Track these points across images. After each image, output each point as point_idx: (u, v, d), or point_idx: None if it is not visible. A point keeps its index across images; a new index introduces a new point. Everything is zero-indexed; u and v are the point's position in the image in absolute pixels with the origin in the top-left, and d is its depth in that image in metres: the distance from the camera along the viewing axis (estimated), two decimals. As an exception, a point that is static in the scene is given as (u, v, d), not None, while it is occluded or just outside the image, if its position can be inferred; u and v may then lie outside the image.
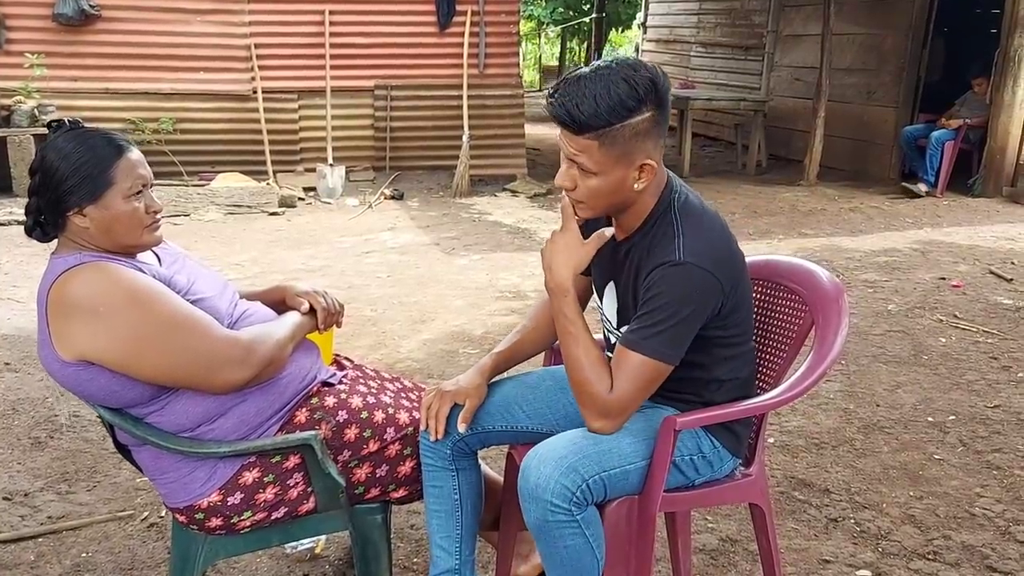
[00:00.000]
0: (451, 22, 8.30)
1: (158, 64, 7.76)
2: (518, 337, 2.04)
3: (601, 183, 1.64)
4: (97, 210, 1.76)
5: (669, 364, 1.65)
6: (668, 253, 1.64)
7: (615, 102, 1.56)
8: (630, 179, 1.65)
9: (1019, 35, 7.65)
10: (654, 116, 1.61)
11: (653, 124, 1.62)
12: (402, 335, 4.27)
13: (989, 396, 3.47)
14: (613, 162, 1.61)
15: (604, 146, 1.59)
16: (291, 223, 6.90)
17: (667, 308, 1.62)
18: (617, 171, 1.63)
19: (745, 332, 1.80)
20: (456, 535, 1.98)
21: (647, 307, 1.64)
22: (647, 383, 1.65)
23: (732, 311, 1.72)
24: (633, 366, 1.63)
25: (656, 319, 1.62)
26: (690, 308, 1.62)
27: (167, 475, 1.85)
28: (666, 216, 1.71)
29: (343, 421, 1.94)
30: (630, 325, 1.68)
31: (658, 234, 1.70)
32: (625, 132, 1.59)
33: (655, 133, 1.63)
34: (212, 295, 1.90)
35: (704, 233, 1.68)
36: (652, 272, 1.65)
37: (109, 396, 1.76)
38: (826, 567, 2.37)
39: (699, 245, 1.65)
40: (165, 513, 2.63)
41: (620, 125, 1.58)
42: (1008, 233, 6.67)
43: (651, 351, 1.62)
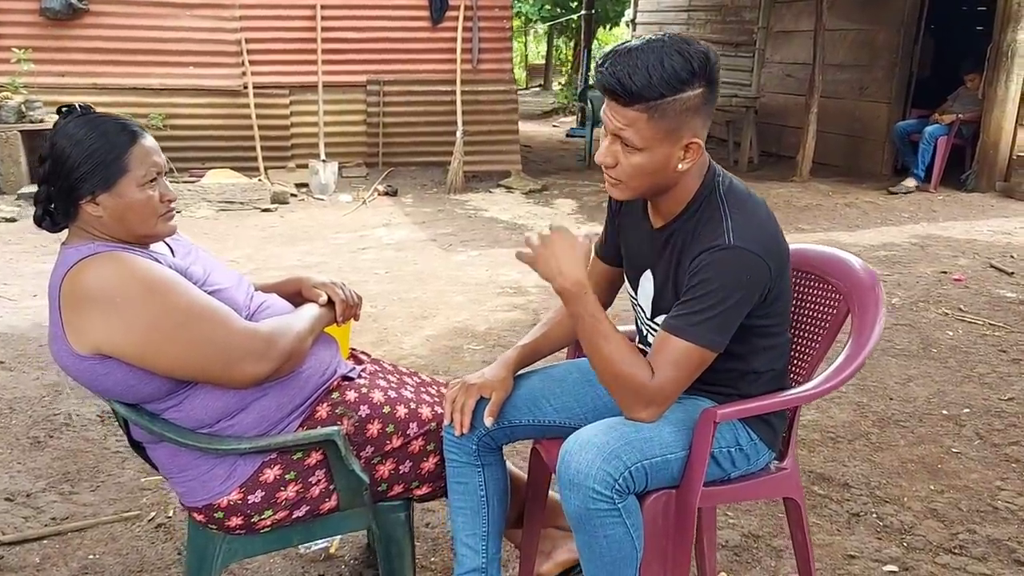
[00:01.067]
0: (444, 17, 8.23)
1: (147, 59, 7.65)
2: (544, 330, 1.98)
3: (645, 160, 1.58)
4: (111, 198, 1.69)
5: (714, 351, 1.59)
6: (716, 237, 1.59)
7: (669, 74, 1.51)
8: (675, 158, 1.60)
9: (1012, 30, 7.67)
10: (704, 93, 1.56)
11: (703, 101, 1.57)
12: (404, 331, 4.21)
13: (1002, 389, 3.45)
14: (661, 138, 1.56)
15: (653, 120, 1.53)
16: (284, 219, 6.82)
17: (716, 294, 1.56)
18: (663, 148, 1.57)
19: (784, 322, 1.76)
20: (483, 533, 1.92)
21: (693, 292, 1.59)
22: (691, 370, 1.59)
23: (775, 299, 1.67)
24: (677, 352, 1.58)
25: (703, 304, 1.57)
26: (739, 294, 1.57)
27: (185, 473, 1.79)
28: (711, 200, 1.65)
29: (365, 416, 1.88)
30: (674, 310, 1.62)
31: (703, 218, 1.64)
32: (676, 106, 1.53)
33: (704, 111, 1.58)
34: (229, 286, 1.84)
35: (753, 217, 1.63)
36: (699, 256, 1.59)
37: (126, 391, 1.69)
38: (852, 562, 2.33)
39: (748, 229, 1.60)
40: (173, 513, 2.56)
41: (672, 98, 1.52)
42: (1004, 227, 6.67)
43: (697, 337, 1.57)
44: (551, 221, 1.64)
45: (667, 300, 1.72)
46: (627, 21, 16.97)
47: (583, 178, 8.92)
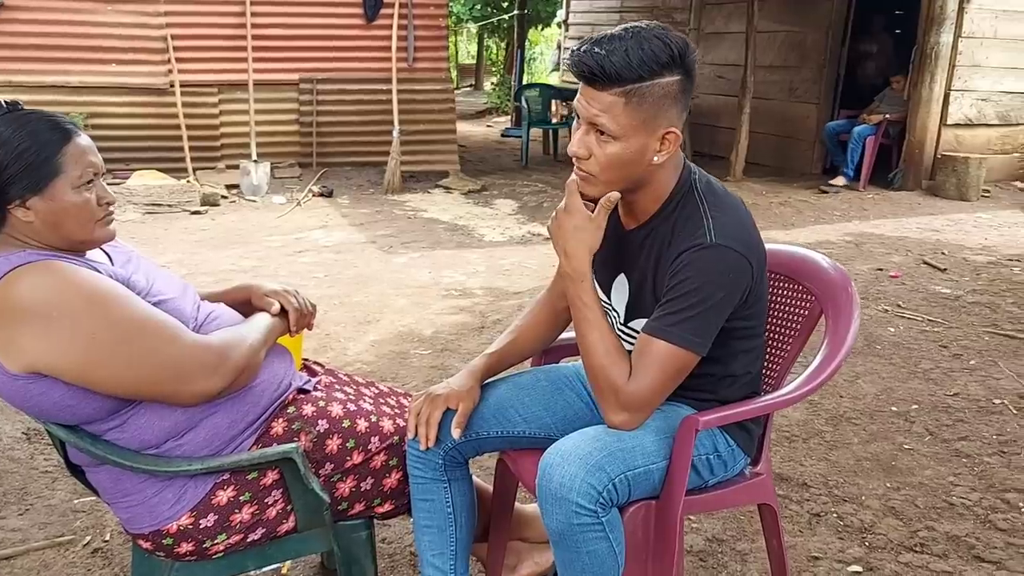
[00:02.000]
0: (378, 14, 8.08)
1: (67, 56, 7.29)
2: (513, 336, 1.90)
3: (621, 150, 1.51)
4: (43, 202, 1.56)
5: (697, 354, 1.53)
6: (697, 236, 1.53)
7: (648, 56, 1.45)
8: (651, 149, 1.53)
9: (935, 33, 7.89)
10: (682, 82, 1.51)
11: (681, 90, 1.51)
12: (348, 337, 4.08)
13: (947, 384, 3.50)
14: (637, 125, 1.49)
15: (631, 105, 1.47)
16: (215, 222, 6.59)
17: (697, 293, 1.50)
18: (639, 137, 1.50)
19: (761, 324, 1.71)
20: (450, 552, 1.83)
21: (675, 293, 1.53)
22: (673, 374, 1.53)
23: (756, 300, 1.63)
24: (658, 356, 1.51)
25: (684, 304, 1.51)
26: (722, 293, 1.52)
27: (130, 498, 1.65)
28: (689, 198, 1.60)
29: (324, 431, 1.77)
30: (656, 312, 1.56)
31: (682, 217, 1.58)
32: (655, 91, 1.47)
33: (681, 101, 1.52)
34: (175, 296, 1.71)
35: (733, 215, 1.58)
36: (680, 256, 1.53)
37: (64, 411, 1.55)
38: (817, 564, 2.32)
39: (730, 227, 1.54)
40: (111, 536, 2.40)
41: (651, 82, 1.46)
42: (932, 224, 6.85)
43: (679, 339, 1.51)
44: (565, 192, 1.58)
45: (645, 303, 1.65)
46: (559, 22, 17.01)
47: (522, 178, 8.87)
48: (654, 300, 1.61)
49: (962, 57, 8.13)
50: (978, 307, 4.56)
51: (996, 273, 5.31)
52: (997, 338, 4.07)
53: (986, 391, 3.43)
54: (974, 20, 8.08)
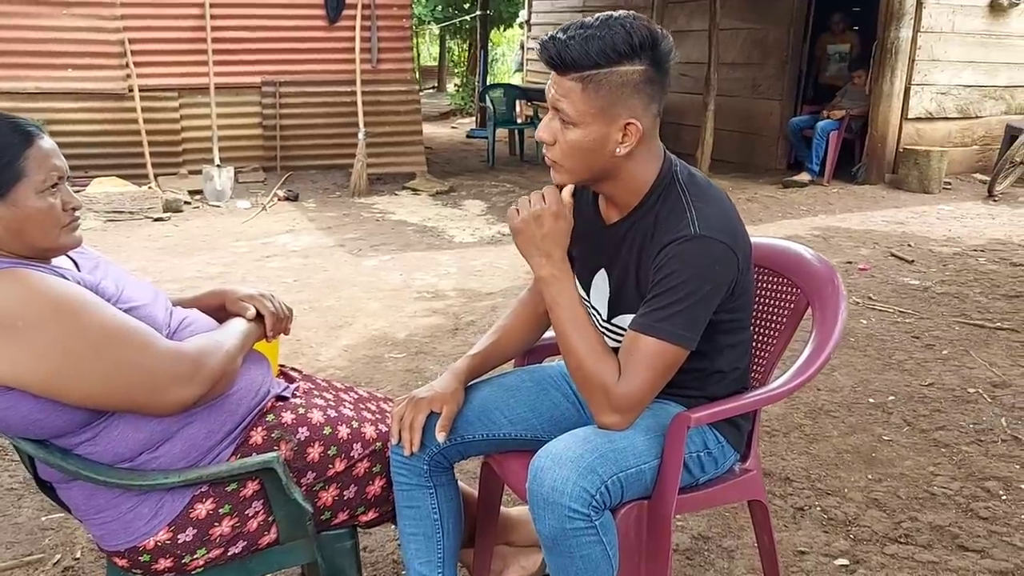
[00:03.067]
0: (341, 16, 7.98)
1: (21, 61, 7.11)
2: (495, 337, 1.86)
3: (580, 137, 1.50)
4: (5, 208, 1.49)
5: (686, 348, 1.50)
6: (681, 228, 1.50)
7: (606, 44, 1.44)
8: (612, 140, 1.51)
9: (895, 28, 7.98)
10: (646, 72, 1.48)
11: (644, 80, 1.48)
12: (320, 342, 4.01)
13: (921, 375, 3.52)
14: (595, 113, 1.48)
15: (587, 91, 1.46)
16: (179, 228, 6.47)
17: (684, 287, 1.48)
18: (598, 125, 1.49)
19: (747, 318, 1.69)
20: (438, 559, 1.79)
21: (661, 287, 1.50)
22: (663, 371, 1.50)
23: (742, 293, 1.60)
24: (647, 352, 1.48)
25: (672, 299, 1.48)
26: (708, 286, 1.49)
27: (104, 514, 1.59)
28: (671, 190, 1.57)
29: (304, 439, 1.72)
30: (641, 308, 1.52)
31: (664, 209, 1.56)
32: (612, 79, 1.45)
33: (646, 92, 1.49)
34: (146, 302, 1.65)
35: (717, 206, 1.55)
36: (664, 249, 1.50)
37: (32, 426, 1.48)
38: (804, 558, 2.31)
39: (714, 218, 1.52)
40: (81, 554, 2.32)
41: (607, 70, 1.45)
42: (896, 217, 6.93)
43: (667, 334, 1.48)
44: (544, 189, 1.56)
45: (627, 299, 1.62)
46: (521, 22, 17.00)
47: (489, 179, 8.83)
48: (637, 295, 1.58)
49: (921, 52, 8.24)
50: (947, 298, 4.61)
51: (962, 264, 5.37)
52: (967, 328, 4.11)
53: (960, 380, 3.46)
54: (932, 15, 8.19)
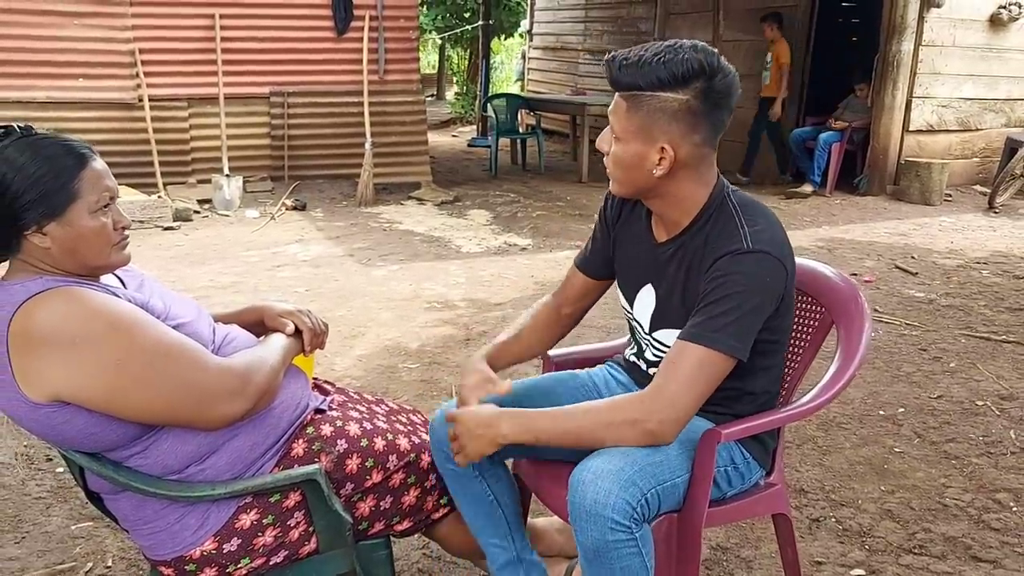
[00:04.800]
0: (349, 27, 8.04)
1: (32, 71, 7.15)
2: (516, 332, 1.94)
3: (621, 151, 1.61)
4: (60, 228, 1.54)
5: (734, 358, 1.56)
6: (734, 242, 1.57)
7: (653, 70, 1.53)
8: (649, 160, 1.59)
9: (897, 42, 8.07)
10: (690, 103, 1.55)
11: (684, 110, 1.55)
12: (334, 352, 4.06)
13: (929, 387, 3.58)
14: (634, 131, 1.58)
15: (631, 110, 1.58)
16: (189, 238, 6.52)
17: (736, 297, 1.54)
18: (635, 144, 1.59)
19: (783, 340, 1.75)
20: (504, 530, 1.88)
21: (712, 297, 1.56)
22: (708, 379, 1.55)
23: (784, 312, 1.66)
24: (696, 360, 1.54)
25: (723, 309, 1.54)
26: (759, 297, 1.56)
27: (152, 524, 1.64)
28: (723, 209, 1.64)
29: (343, 451, 1.77)
30: (692, 319, 1.58)
31: (716, 227, 1.63)
32: (652, 103, 1.55)
33: (685, 121, 1.56)
34: (192, 319, 1.70)
35: (768, 222, 1.63)
36: (717, 263, 1.57)
37: (86, 439, 1.54)
38: (820, 568, 2.36)
39: (766, 234, 1.59)
40: (112, 562, 2.37)
41: (649, 94, 1.54)
42: (899, 229, 7.00)
43: (717, 343, 1.53)
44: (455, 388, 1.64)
45: (671, 314, 1.69)
46: (522, 32, 17.10)
47: (493, 188, 8.89)
48: (683, 310, 1.64)
49: (923, 65, 8.33)
50: (952, 310, 4.67)
51: (966, 276, 5.44)
52: (973, 340, 4.17)
53: (968, 393, 3.52)
54: (934, 29, 8.28)
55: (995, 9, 8.59)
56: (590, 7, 12.90)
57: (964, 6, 8.39)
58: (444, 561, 2.38)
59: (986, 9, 8.58)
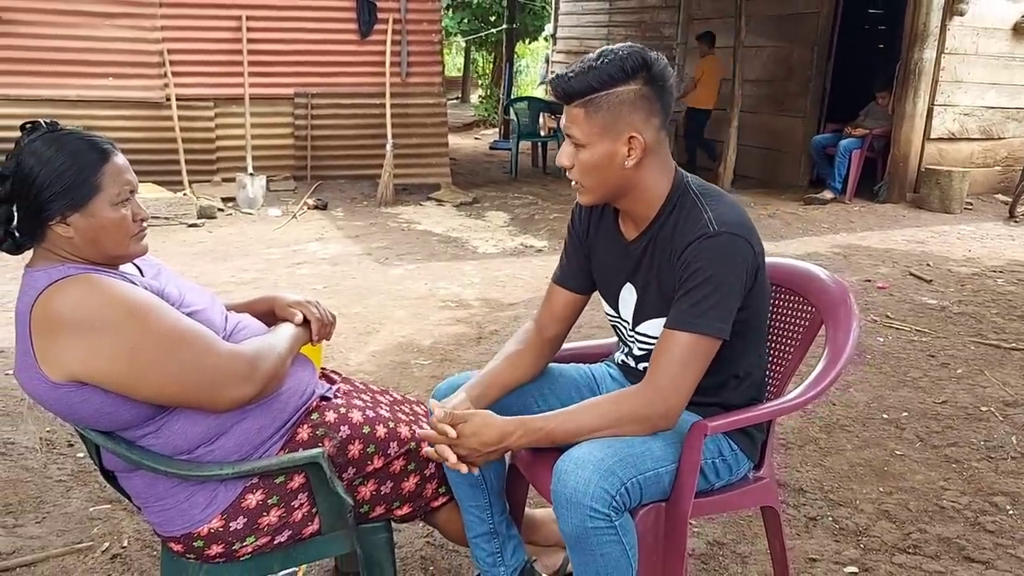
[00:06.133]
0: (372, 30, 8.17)
1: (64, 70, 7.35)
2: (498, 363, 1.94)
3: (591, 156, 1.67)
4: (83, 219, 1.63)
5: (718, 339, 1.64)
6: (700, 227, 1.65)
7: (601, 72, 1.62)
8: (619, 154, 1.67)
9: (919, 50, 8.06)
10: (641, 90, 1.64)
11: (639, 98, 1.64)
12: (349, 347, 4.15)
13: (935, 393, 3.61)
14: (599, 132, 1.65)
15: (590, 114, 1.64)
16: (213, 235, 6.65)
17: (712, 281, 1.61)
18: (604, 144, 1.66)
19: (761, 321, 1.81)
20: (483, 501, 1.95)
21: (688, 284, 1.63)
22: (699, 363, 1.63)
23: (758, 293, 1.73)
24: (685, 346, 1.62)
25: (701, 294, 1.62)
26: (732, 277, 1.63)
27: (162, 502, 1.72)
28: (685, 199, 1.72)
29: (346, 437, 1.85)
30: (673, 308, 1.66)
31: (681, 216, 1.71)
32: (610, 99, 1.63)
33: (643, 108, 1.65)
34: (205, 307, 1.79)
35: (730, 205, 1.71)
36: (687, 249, 1.65)
37: (102, 418, 1.62)
38: (814, 565, 2.40)
39: (729, 215, 1.67)
40: (128, 543, 2.46)
41: (604, 93, 1.62)
42: (917, 236, 6.99)
43: (702, 327, 1.61)
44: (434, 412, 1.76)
45: (651, 305, 1.76)
46: (546, 36, 17.18)
47: (512, 190, 8.97)
48: (660, 299, 1.72)
49: (945, 73, 8.31)
50: (964, 317, 4.68)
51: (980, 284, 5.44)
52: (982, 348, 4.19)
53: (973, 399, 3.54)
54: (956, 37, 8.26)
55: (1019, 18, 8.55)
56: (613, 11, 12.96)
57: (987, 15, 8.36)
58: (446, 549, 2.45)
59: (1010, 18, 8.55)
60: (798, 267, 2.00)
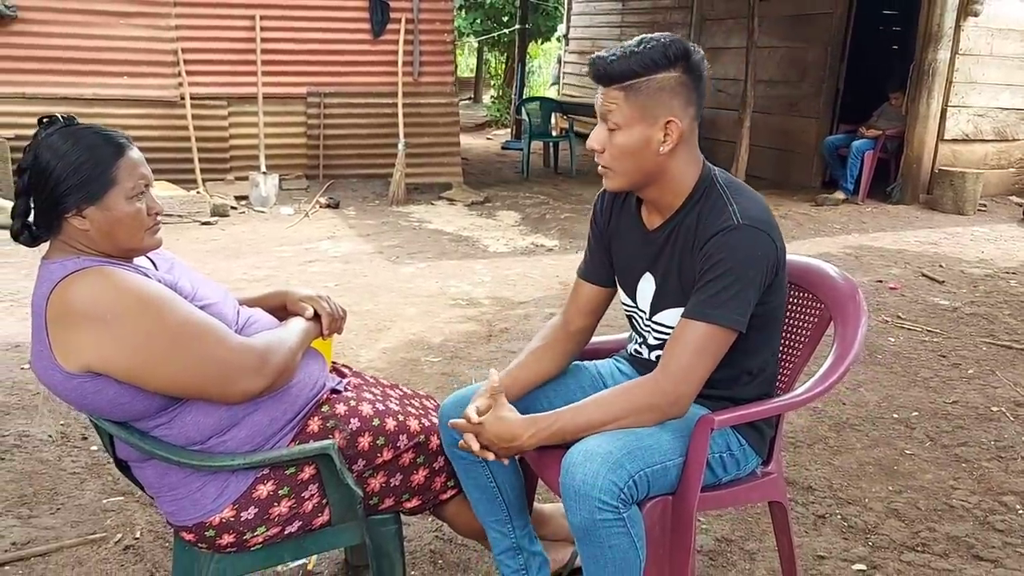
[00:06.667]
0: (385, 29, 8.20)
1: (79, 68, 7.42)
2: (525, 359, 1.96)
3: (626, 140, 1.68)
4: (98, 212, 1.65)
5: (735, 331, 1.65)
6: (725, 219, 1.66)
7: (644, 56, 1.64)
8: (655, 140, 1.68)
9: (932, 50, 8.03)
10: (681, 78, 1.66)
11: (679, 84, 1.66)
12: (360, 344, 4.17)
13: (945, 393, 3.60)
14: (638, 116, 1.67)
15: (630, 98, 1.66)
16: (226, 232, 6.69)
17: (732, 273, 1.63)
18: (641, 127, 1.67)
19: (778, 318, 1.82)
20: (504, 517, 1.96)
21: (709, 275, 1.65)
22: (713, 353, 1.64)
23: (777, 288, 1.74)
24: (701, 336, 1.63)
25: (721, 286, 1.63)
26: (753, 271, 1.64)
27: (175, 491, 1.75)
28: (712, 190, 1.73)
29: (356, 429, 1.86)
30: (692, 299, 1.67)
31: (706, 207, 1.72)
32: (651, 85, 1.65)
33: (682, 95, 1.67)
34: (218, 301, 1.81)
35: (755, 200, 1.72)
36: (710, 240, 1.66)
37: (115, 409, 1.65)
38: (823, 562, 2.41)
39: (753, 210, 1.68)
40: (140, 534, 2.49)
41: (646, 78, 1.64)
42: (930, 238, 6.97)
43: (719, 318, 1.63)
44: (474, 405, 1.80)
45: (670, 295, 1.78)
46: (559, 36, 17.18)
47: (523, 190, 8.98)
48: (680, 289, 1.73)
49: (959, 74, 8.27)
50: (976, 318, 4.67)
51: (993, 285, 5.42)
52: (994, 348, 4.18)
53: (984, 399, 3.54)
54: (971, 38, 8.22)
55: (1034, 18, 8.51)
56: (626, 12, 12.96)
57: (1002, 15, 8.32)
58: (455, 544, 2.47)
59: (1025, 18, 8.51)
60: (808, 264, 2.01)
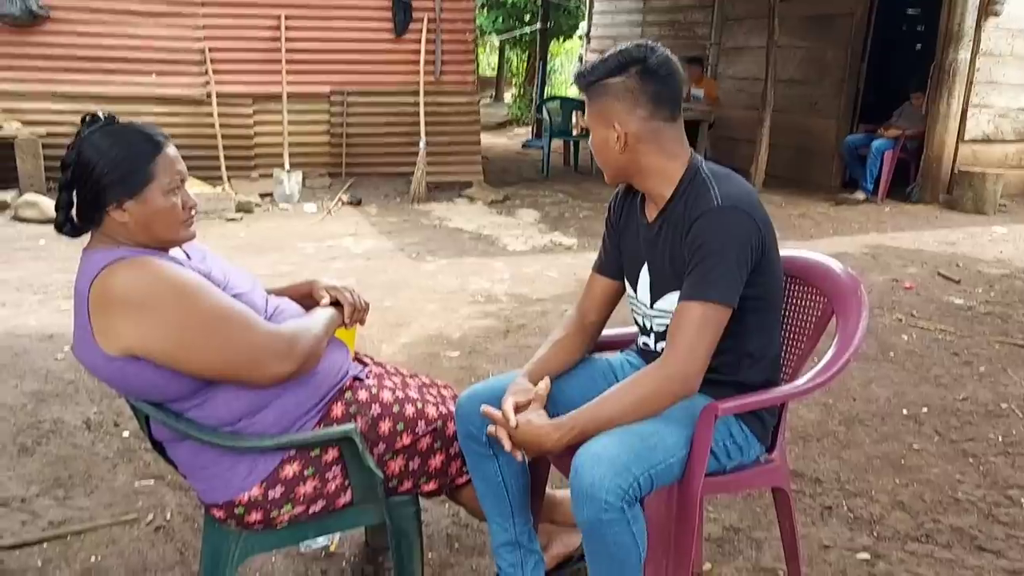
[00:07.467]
0: (407, 29, 8.31)
1: (108, 67, 7.60)
2: (549, 353, 2.05)
3: (594, 139, 1.88)
4: (137, 205, 1.75)
5: (728, 307, 1.73)
6: (705, 203, 1.77)
7: (602, 64, 1.83)
8: (611, 140, 1.84)
9: (953, 50, 8.03)
10: (628, 83, 1.79)
11: (625, 90, 1.80)
12: (381, 339, 4.27)
13: (956, 390, 3.65)
14: (596, 117, 1.85)
15: (590, 101, 1.85)
16: (250, 229, 6.83)
17: (716, 253, 1.72)
18: (599, 128, 1.85)
19: (772, 301, 1.89)
20: (507, 512, 2.04)
21: (696, 258, 1.74)
22: (712, 330, 1.73)
23: (766, 270, 1.81)
24: (698, 315, 1.72)
25: (708, 266, 1.72)
26: (735, 249, 1.73)
27: (207, 470, 1.85)
28: (696, 179, 1.84)
29: (377, 415, 1.96)
30: (685, 283, 1.76)
31: (691, 194, 1.82)
32: (602, 90, 1.82)
33: (627, 99, 1.80)
34: (248, 290, 1.91)
35: (737, 184, 1.82)
36: (694, 224, 1.76)
37: (152, 390, 1.75)
38: (827, 552, 2.48)
39: (734, 193, 1.78)
40: (171, 516, 2.60)
41: (600, 83, 1.81)
42: (948, 238, 6.98)
43: (710, 295, 1.72)
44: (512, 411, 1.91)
45: (665, 282, 1.87)
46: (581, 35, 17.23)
47: (543, 188, 9.05)
48: (674, 275, 1.83)
49: (979, 74, 8.27)
50: (990, 318, 4.70)
51: (1009, 285, 5.44)
52: (1007, 347, 4.21)
53: (994, 396, 3.58)
54: (991, 38, 8.21)
55: (1056, 19, 8.47)
56: (648, 11, 12.99)
57: (1023, 16, 8.29)
58: (471, 529, 2.56)
59: (1047, 19, 8.48)
60: (811, 259, 2.09)
